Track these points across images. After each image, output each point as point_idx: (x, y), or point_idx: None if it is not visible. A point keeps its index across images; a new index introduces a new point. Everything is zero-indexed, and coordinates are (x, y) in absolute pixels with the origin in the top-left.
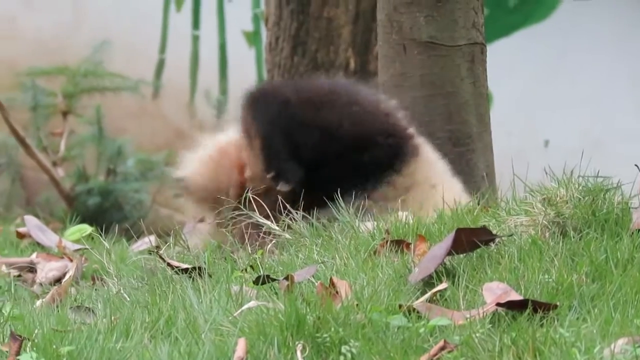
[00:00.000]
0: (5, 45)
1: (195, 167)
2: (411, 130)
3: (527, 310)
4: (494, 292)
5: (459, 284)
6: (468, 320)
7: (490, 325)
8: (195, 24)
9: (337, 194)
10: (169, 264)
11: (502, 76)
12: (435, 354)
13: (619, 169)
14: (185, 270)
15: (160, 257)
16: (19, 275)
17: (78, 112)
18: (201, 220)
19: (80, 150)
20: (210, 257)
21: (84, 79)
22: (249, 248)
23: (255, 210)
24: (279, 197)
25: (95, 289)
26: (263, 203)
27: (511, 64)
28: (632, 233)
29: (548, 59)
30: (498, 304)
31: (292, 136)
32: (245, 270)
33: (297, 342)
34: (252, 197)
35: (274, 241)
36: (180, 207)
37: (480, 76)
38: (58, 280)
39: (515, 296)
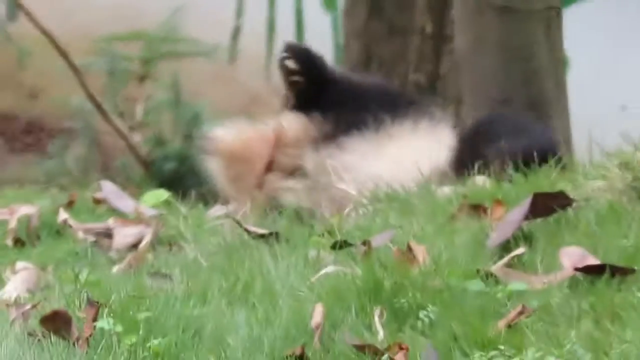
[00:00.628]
0: (82, 13)
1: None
2: None
3: (605, 275)
4: (572, 256)
5: (536, 249)
6: (546, 285)
7: (568, 290)
8: None
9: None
10: (246, 230)
11: (578, 41)
12: (513, 319)
13: None
14: (262, 235)
15: (238, 223)
16: (96, 241)
17: (155, 77)
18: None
19: (156, 115)
20: (288, 222)
21: (160, 44)
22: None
23: None
24: None
25: (172, 255)
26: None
27: (588, 28)
28: None
29: (625, 22)
30: (576, 269)
31: None
32: (322, 235)
33: (374, 308)
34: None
35: (351, 206)
36: None
37: (556, 41)
38: (135, 246)
39: (593, 261)
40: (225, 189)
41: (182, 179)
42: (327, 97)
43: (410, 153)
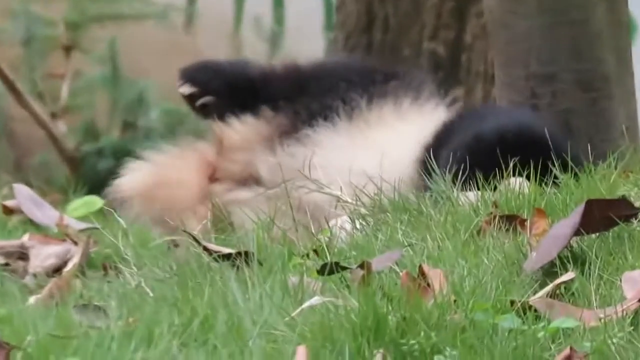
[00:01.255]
0: None
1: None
2: None
3: None
4: (637, 283)
5: (590, 274)
6: (602, 321)
7: (632, 328)
8: None
9: (429, 157)
10: (205, 249)
11: None
12: None
13: None
14: (228, 256)
15: (195, 240)
16: (6, 264)
17: (85, 47)
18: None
19: (88, 97)
20: (261, 238)
21: (93, 4)
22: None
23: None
24: None
25: (108, 282)
26: None
27: None
28: None
29: None
30: None
31: None
32: (307, 255)
33: (375, 351)
34: None
35: (345, 217)
36: None
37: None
38: (58, 270)
39: None
40: (160, 225)
41: None
42: (271, 90)
43: (398, 141)
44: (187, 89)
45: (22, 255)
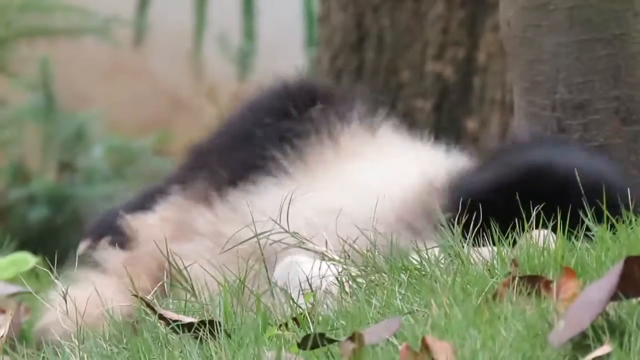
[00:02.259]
0: None
1: None
2: None
3: None
4: None
5: (630, 347)
6: None
7: None
8: None
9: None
10: (162, 317)
11: None
12: None
13: None
14: (189, 326)
15: (148, 306)
16: None
17: (11, 70)
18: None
19: (16, 131)
20: (229, 304)
21: (20, 15)
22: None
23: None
24: None
25: (43, 358)
26: None
27: None
28: None
29: None
30: None
31: None
32: (286, 325)
33: None
34: None
35: (331, 277)
36: None
37: None
38: None
39: None
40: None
41: (57, 233)
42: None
43: (369, 174)
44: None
45: None
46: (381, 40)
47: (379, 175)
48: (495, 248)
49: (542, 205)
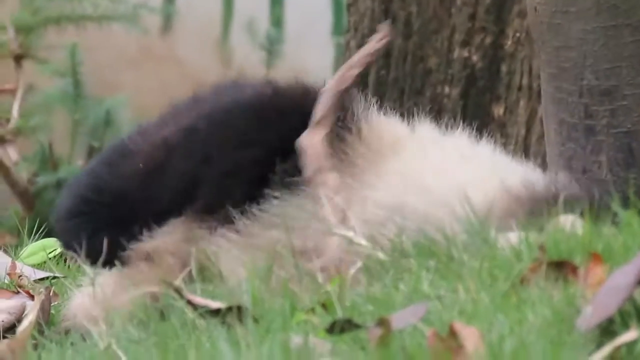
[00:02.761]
0: None
1: None
2: None
3: None
4: None
5: None
6: None
7: None
8: None
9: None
10: (190, 302)
11: None
12: None
13: None
14: (217, 311)
15: (176, 291)
16: None
17: (40, 56)
18: None
19: (44, 117)
20: (256, 290)
21: (49, 3)
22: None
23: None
24: None
25: (72, 344)
26: None
27: None
28: None
29: None
30: None
31: None
32: (313, 310)
33: None
34: None
35: (359, 264)
36: None
37: None
38: (11, 329)
39: None
40: None
41: None
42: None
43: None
44: None
45: None
46: (409, 27)
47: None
48: (522, 233)
49: None
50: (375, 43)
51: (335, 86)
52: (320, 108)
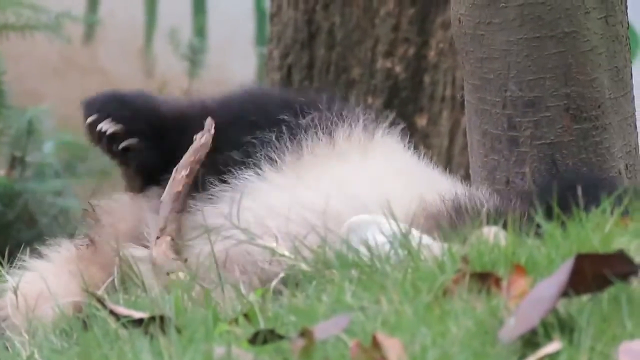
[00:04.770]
0: None
1: None
2: None
3: None
4: (637, 356)
5: (579, 344)
6: None
7: None
8: None
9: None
10: (112, 312)
11: None
12: None
13: None
14: (140, 321)
15: (99, 301)
16: None
17: None
18: None
19: None
20: (179, 299)
21: None
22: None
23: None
24: None
25: None
26: None
27: None
28: None
29: None
30: None
31: None
32: (236, 321)
33: None
34: None
35: (281, 275)
36: None
37: (615, 6)
38: None
39: None
40: None
41: (7, 230)
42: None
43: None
44: (109, 126)
45: None
46: (332, 37)
47: (379, 182)
48: (445, 244)
49: None
50: (198, 141)
51: (170, 191)
52: (162, 215)
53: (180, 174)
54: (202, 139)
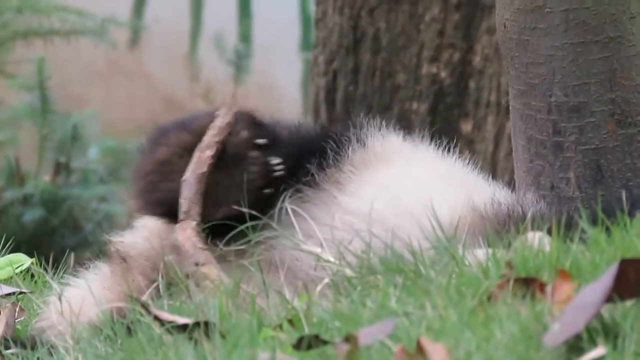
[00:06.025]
0: None
1: None
2: None
3: None
4: None
5: (624, 349)
6: None
7: None
8: None
9: None
10: (156, 318)
11: None
12: None
13: None
14: (184, 327)
15: (143, 306)
16: None
17: (8, 71)
18: None
19: (11, 132)
20: (224, 305)
21: (17, 17)
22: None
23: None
24: None
25: (38, 358)
26: None
27: None
28: None
29: None
30: None
31: None
32: (280, 327)
33: None
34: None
35: (326, 280)
36: None
37: None
38: None
39: None
40: None
41: (52, 234)
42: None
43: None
44: (274, 159)
45: None
46: (377, 43)
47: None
48: (490, 250)
49: None
50: (220, 120)
51: (194, 172)
52: (186, 198)
53: (205, 154)
54: (226, 118)
